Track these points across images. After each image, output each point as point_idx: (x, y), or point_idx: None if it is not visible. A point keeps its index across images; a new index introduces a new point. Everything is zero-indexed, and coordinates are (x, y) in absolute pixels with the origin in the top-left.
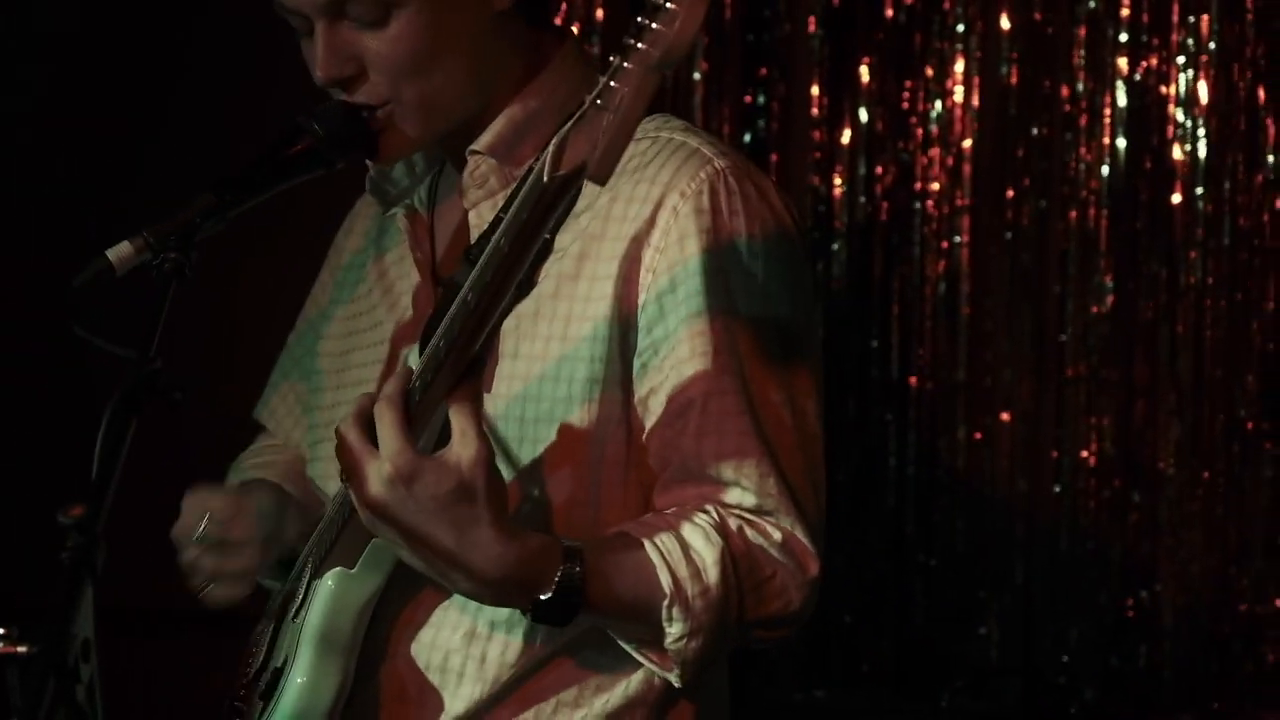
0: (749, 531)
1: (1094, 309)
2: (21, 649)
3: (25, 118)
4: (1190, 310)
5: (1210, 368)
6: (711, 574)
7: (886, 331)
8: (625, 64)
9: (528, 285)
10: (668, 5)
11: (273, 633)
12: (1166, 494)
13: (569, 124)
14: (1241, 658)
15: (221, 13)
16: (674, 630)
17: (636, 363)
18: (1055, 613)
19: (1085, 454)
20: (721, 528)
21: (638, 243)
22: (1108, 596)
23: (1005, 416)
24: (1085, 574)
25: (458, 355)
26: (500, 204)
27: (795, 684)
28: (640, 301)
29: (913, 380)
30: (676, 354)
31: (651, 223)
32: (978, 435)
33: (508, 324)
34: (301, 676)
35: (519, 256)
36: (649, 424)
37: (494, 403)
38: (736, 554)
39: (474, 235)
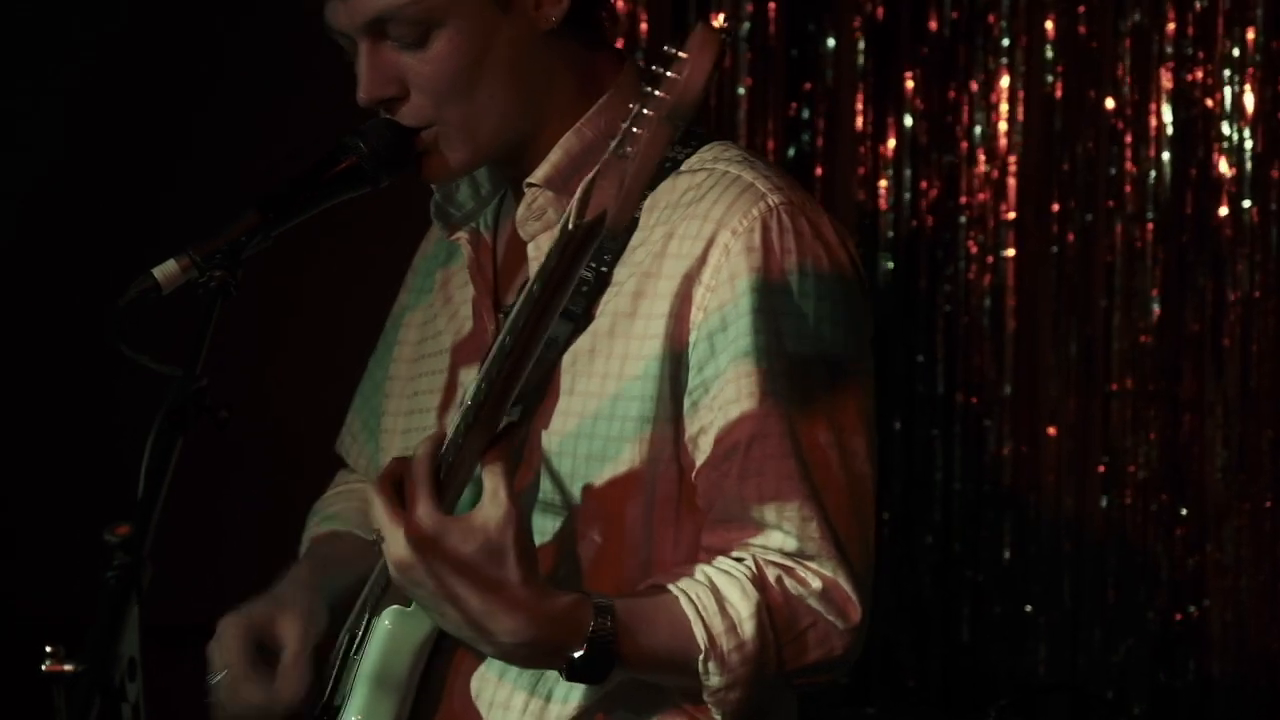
0: (788, 581)
1: (1140, 322)
2: (68, 668)
3: (55, 128)
4: (1237, 323)
5: (1257, 381)
6: (747, 628)
7: (932, 346)
8: (645, 110)
9: (585, 320)
10: (679, 54)
11: (338, 668)
12: (1214, 508)
13: (595, 170)
14: None
15: (254, 25)
16: (711, 683)
17: (687, 401)
18: (1103, 628)
19: (1132, 468)
20: (759, 579)
21: (689, 280)
22: (1156, 612)
23: (1051, 431)
24: (1133, 589)
25: (497, 397)
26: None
27: (842, 701)
28: (691, 340)
29: (958, 395)
30: (725, 394)
31: (703, 260)
32: (1024, 449)
33: (566, 360)
34: (355, 716)
35: (550, 300)
36: (698, 463)
37: (550, 439)
38: (774, 606)
39: (532, 268)
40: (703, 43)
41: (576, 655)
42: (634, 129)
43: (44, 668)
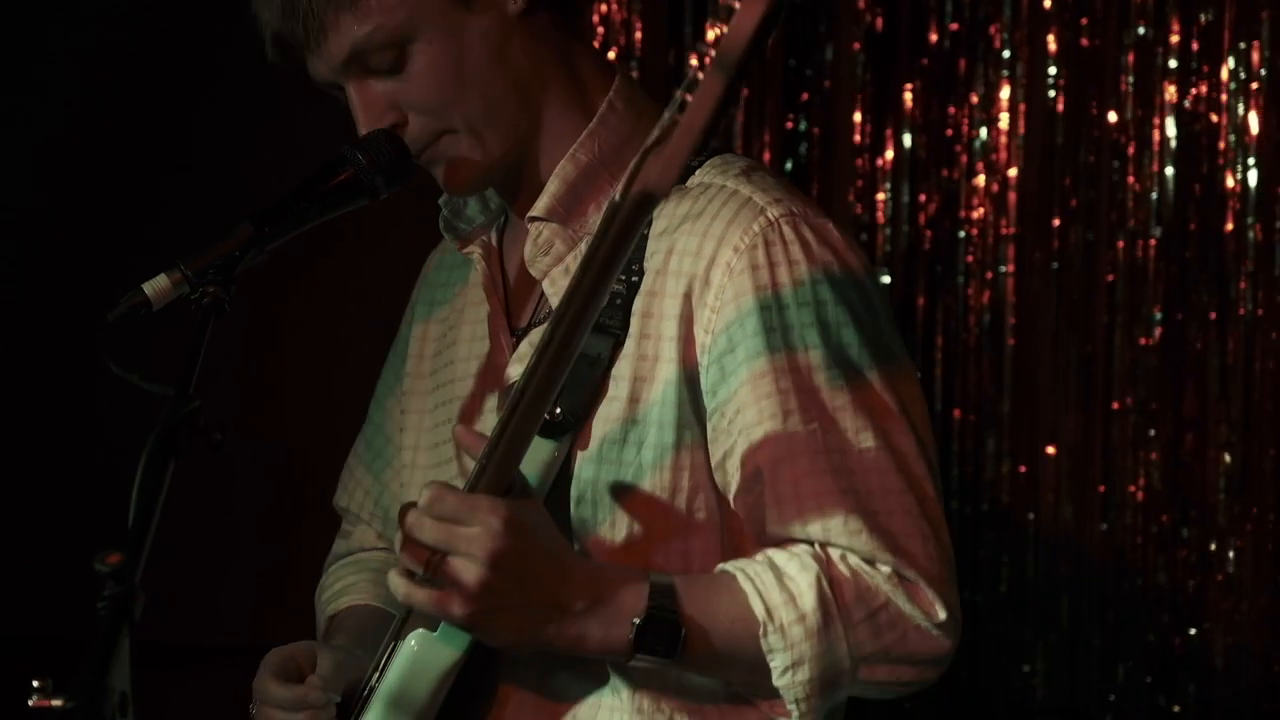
0: (853, 559)
1: (1142, 340)
2: (57, 703)
3: (50, 142)
4: (1240, 342)
5: (1260, 400)
6: (807, 599)
7: (930, 363)
8: (698, 72)
9: (624, 332)
10: (733, 4)
11: (363, 697)
12: (1216, 529)
13: (651, 141)
14: None
15: (251, 36)
16: (777, 662)
17: (708, 426)
18: (1102, 651)
19: (1132, 488)
20: (821, 556)
21: (690, 300)
22: (1155, 634)
23: (1051, 450)
24: (1132, 611)
25: (535, 394)
26: (572, 268)
27: None
28: (702, 363)
29: (956, 412)
30: (743, 418)
31: (706, 280)
32: (1023, 469)
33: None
34: None
35: (595, 287)
36: (730, 490)
37: (581, 465)
38: (837, 579)
39: (553, 303)
40: None
41: (638, 620)
42: (687, 95)
43: (31, 703)
